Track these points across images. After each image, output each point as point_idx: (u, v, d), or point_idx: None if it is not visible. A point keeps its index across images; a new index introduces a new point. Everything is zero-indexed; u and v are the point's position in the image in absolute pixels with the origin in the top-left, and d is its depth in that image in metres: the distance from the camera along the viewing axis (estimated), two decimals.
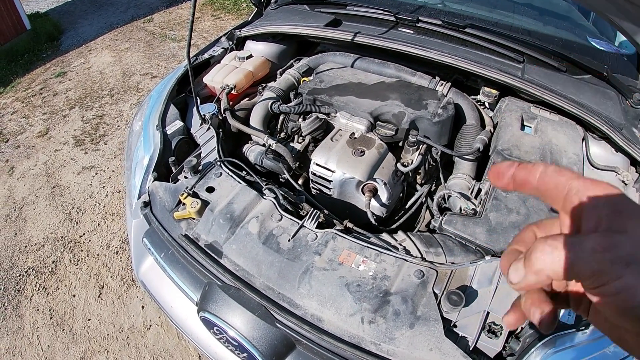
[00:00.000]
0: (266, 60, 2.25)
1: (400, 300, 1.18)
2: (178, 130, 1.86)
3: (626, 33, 1.54)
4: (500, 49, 1.87)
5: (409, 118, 1.66)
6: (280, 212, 1.42)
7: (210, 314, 1.29)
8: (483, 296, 1.20)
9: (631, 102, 1.75)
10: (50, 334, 2.59)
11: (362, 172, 1.50)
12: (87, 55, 6.14)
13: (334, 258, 1.28)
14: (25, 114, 4.84)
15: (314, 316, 1.21)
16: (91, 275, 2.90)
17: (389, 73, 1.96)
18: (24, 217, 3.44)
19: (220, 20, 6.94)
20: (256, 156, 1.75)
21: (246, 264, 1.32)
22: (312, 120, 1.70)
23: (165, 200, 1.57)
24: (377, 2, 2.23)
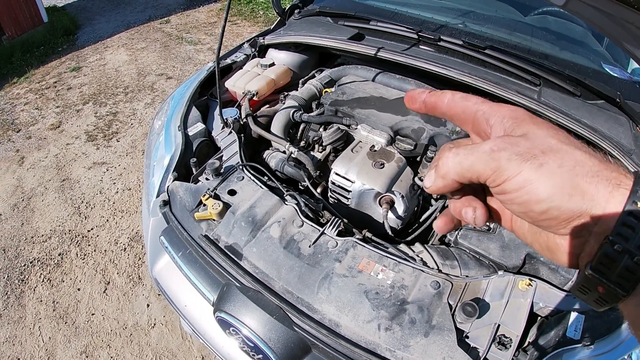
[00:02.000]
0: (288, 69, 2.29)
1: (417, 309, 1.21)
2: (200, 132, 1.89)
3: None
4: (518, 71, 1.91)
5: (428, 134, 1.70)
6: (301, 219, 1.45)
7: (227, 314, 1.31)
8: (495, 309, 1.24)
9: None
10: (52, 325, 2.60)
11: (382, 184, 1.53)
12: (103, 52, 6.20)
13: (354, 265, 1.31)
14: (38, 105, 4.88)
15: (331, 321, 1.23)
16: (97, 270, 2.92)
17: (409, 89, 2.00)
18: (32, 208, 3.47)
19: (237, 26, 7.01)
20: (277, 162, 1.78)
21: (266, 267, 1.35)
22: (334, 130, 1.74)
23: (186, 200, 1.59)
24: (400, 19, 2.27)
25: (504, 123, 0.44)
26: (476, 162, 0.41)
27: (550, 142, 0.40)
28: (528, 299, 1.24)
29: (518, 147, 0.39)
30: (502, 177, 0.39)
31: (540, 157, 0.38)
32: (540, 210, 0.39)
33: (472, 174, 0.42)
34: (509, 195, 0.40)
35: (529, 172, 0.38)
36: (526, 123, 0.42)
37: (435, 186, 0.46)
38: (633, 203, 0.35)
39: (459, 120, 0.49)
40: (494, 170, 0.40)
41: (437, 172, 0.45)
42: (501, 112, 0.45)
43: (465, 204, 0.48)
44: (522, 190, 0.39)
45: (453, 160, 0.43)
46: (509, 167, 0.39)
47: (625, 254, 0.34)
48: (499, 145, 0.40)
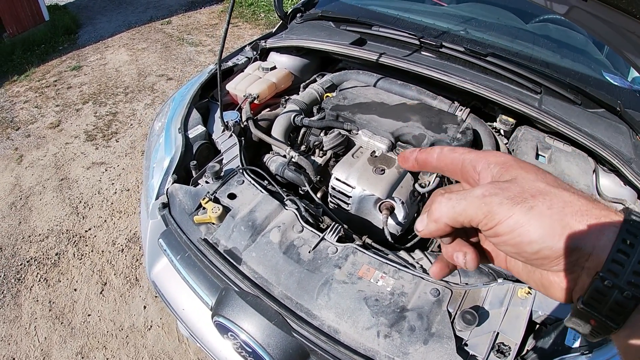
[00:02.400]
0: (289, 73, 2.29)
1: (416, 316, 1.21)
2: (200, 135, 1.89)
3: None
4: (520, 78, 1.92)
5: (429, 141, 1.70)
6: (301, 224, 1.45)
7: (225, 319, 1.30)
8: (494, 317, 1.23)
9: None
10: (48, 325, 2.60)
11: (382, 190, 1.53)
12: (104, 52, 6.20)
13: (354, 272, 1.31)
14: (38, 104, 4.88)
15: (330, 327, 1.23)
16: (94, 271, 2.91)
17: (410, 95, 2.01)
18: (29, 207, 3.46)
19: (238, 28, 7.02)
20: (277, 167, 1.78)
21: (265, 272, 1.34)
22: (335, 135, 1.74)
23: (185, 203, 1.59)
24: (402, 25, 2.27)
25: (491, 169, 0.46)
26: (468, 207, 0.43)
27: (539, 186, 0.42)
28: (527, 307, 1.23)
29: (509, 192, 0.42)
30: (494, 220, 0.42)
31: (530, 200, 0.40)
32: (532, 251, 0.41)
33: (464, 218, 0.44)
34: (501, 237, 0.42)
35: (520, 215, 0.40)
36: (514, 168, 0.45)
37: (428, 230, 0.48)
38: (622, 241, 0.37)
39: (449, 172, 0.52)
40: (485, 215, 0.42)
41: (430, 217, 0.47)
42: (487, 158, 0.48)
43: (456, 248, 0.50)
44: (514, 232, 0.41)
45: (446, 205, 0.45)
46: (500, 211, 0.41)
47: (615, 289, 0.36)
48: (490, 190, 0.43)
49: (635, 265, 0.36)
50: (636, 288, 0.36)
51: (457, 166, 0.51)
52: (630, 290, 0.36)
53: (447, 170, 0.53)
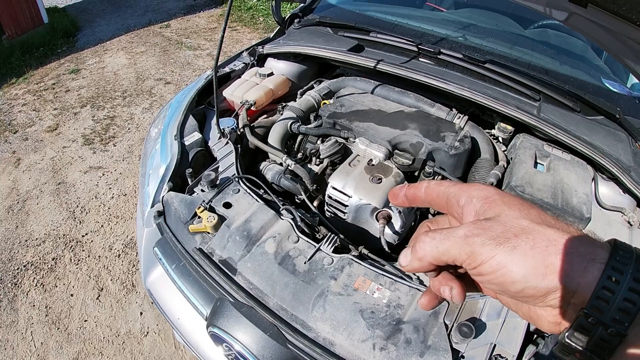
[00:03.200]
0: (286, 79, 2.28)
1: (412, 329, 1.20)
2: (196, 142, 1.88)
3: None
4: (518, 86, 1.91)
5: (427, 149, 1.68)
6: (297, 234, 1.44)
7: (220, 329, 1.29)
8: (491, 329, 1.22)
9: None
10: (44, 331, 2.58)
11: (379, 199, 1.52)
12: (102, 55, 6.20)
13: (350, 284, 1.30)
14: (36, 107, 4.87)
15: (325, 339, 1.21)
16: (91, 276, 2.90)
17: (408, 102, 1.99)
18: (26, 211, 3.45)
19: (237, 32, 7.02)
20: (273, 175, 1.77)
21: (260, 283, 1.33)
22: (332, 143, 1.72)
23: (180, 211, 1.58)
24: (400, 31, 2.26)
25: (474, 204, 0.47)
26: (451, 247, 0.44)
27: (522, 224, 0.42)
28: None
29: (491, 232, 0.42)
30: (476, 261, 0.42)
31: (512, 240, 0.41)
32: (516, 290, 0.41)
33: (447, 258, 0.45)
34: (485, 277, 0.43)
35: (503, 256, 0.40)
36: (496, 204, 0.45)
37: (411, 267, 0.49)
38: (607, 277, 0.37)
39: (437, 206, 0.53)
40: (468, 255, 0.42)
41: (414, 255, 0.48)
42: (469, 192, 0.48)
43: (442, 282, 0.50)
44: (497, 272, 0.41)
45: (429, 245, 0.46)
46: (482, 252, 0.41)
47: (600, 326, 0.37)
48: (473, 230, 0.43)
49: (620, 303, 0.36)
50: (620, 325, 0.36)
51: (442, 200, 0.51)
52: (615, 327, 0.36)
53: (435, 204, 0.53)
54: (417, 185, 0.55)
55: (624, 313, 0.36)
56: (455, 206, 0.50)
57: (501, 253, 0.40)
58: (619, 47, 1.51)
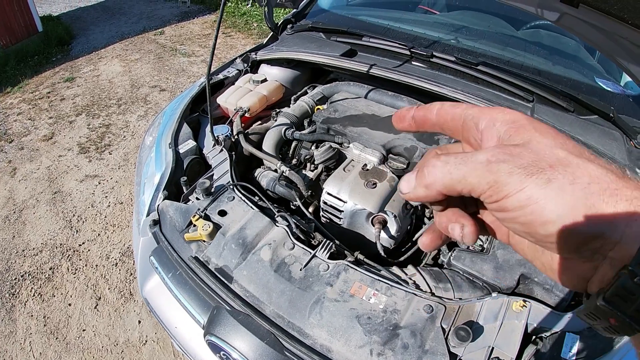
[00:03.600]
0: (280, 85, 2.28)
1: (409, 334, 1.20)
2: (190, 149, 1.88)
3: (633, 75, 1.59)
4: (512, 87, 1.91)
5: (421, 152, 1.69)
6: (292, 241, 1.44)
7: (217, 338, 1.29)
8: (488, 332, 1.22)
9: (635, 142, 1.79)
10: (43, 341, 2.57)
11: (374, 204, 1.52)
12: (97, 63, 6.20)
13: (346, 290, 1.30)
14: (31, 116, 4.86)
15: (323, 346, 1.21)
16: (88, 285, 2.89)
17: (401, 106, 2.00)
18: (23, 221, 3.44)
19: (231, 38, 7.03)
20: (268, 182, 1.77)
21: (257, 290, 1.33)
22: (326, 149, 1.73)
23: (176, 220, 1.58)
24: (393, 35, 2.27)
25: (497, 128, 0.38)
26: (469, 174, 0.36)
27: (559, 154, 0.34)
28: (522, 320, 1.22)
29: (521, 160, 0.34)
30: (501, 193, 0.34)
31: (547, 171, 0.33)
32: (546, 233, 0.33)
33: (463, 187, 0.37)
34: (509, 213, 0.35)
35: (535, 189, 0.33)
36: (525, 130, 0.37)
37: (414, 195, 0.41)
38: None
39: (449, 131, 0.44)
40: (490, 185, 0.35)
41: (420, 180, 0.40)
42: (492, 115, 0.40)
43: (452, 218, 0.43)
44: (525, 209, 0.33)
45: (442, 170, 0.38)
46: (510, 182, 0.33)
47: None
48: (498, 155, 0.35)
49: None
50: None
51: (458, 123, 0.42)
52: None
53: (447, 129, 0.44)
54: (428, 105, 0.45)
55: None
56: (472, 130, 0.41)
57: (533, 185, 0.33)
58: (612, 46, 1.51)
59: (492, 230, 0.45)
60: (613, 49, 1.53)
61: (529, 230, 0.35)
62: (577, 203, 0.32)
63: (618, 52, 1.53)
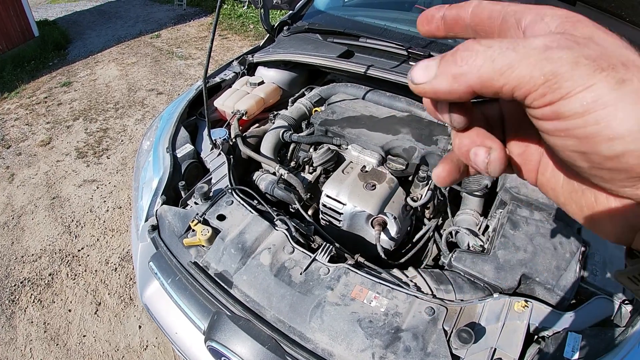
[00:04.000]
0: (277, 88, 2.28)
1: (411, 336, 1.19)
2: (188, 154, 1.87)
3: None
4: None
5: (420, 153, 1.68)
6: (292, 245, 1.43)
7: (218, 343, 1.28)
8: (491, 333, 1.21)
9: None
10: (43, 347, 2.56)
11: (374, 206, 1.51)
12: (94, 67, 6.19)
13: (347, 293, 1.29)
14: (29, 121, 4.85)
15: (324, 350, 1.21)
16: (88, 290, 2.88)
17: (400, 107, 1.99)
18: (22, 226, 3.43)
19: (227, 40, 7.03)
20: (267, 185, 1.76)
21: (257, 295, 1.32)
22: (324, 151, 1.72)
23: (175, 225, 1.57)
24: (390, 36, 2.26)
25: (547, 23, 0.29)
26: (520, 62, 0.26)
27: (629, 55, 0.26)
28: (524, 320, 1.22)
29: (588, 49, 0.25)
30: (560, 89, 0.25)
31: (620, 70, 0.24)
32: (609, 154, 0.25)
33: (507, 81, 0.26)
34: (564, 122, 0.26)
35: (605, 89, 0.24)
36: (585, 25, 0.28)
37: (432, 87, 0.29)
38: None
39: (485, 31, 0.33)
40: (547, 78, 0.25)
41: (447, 66, 0.28)
42: (539, 10, 0.30)
43: (476, 140, 0.33)
44: (589, 115, 0.24)
45: (483, 56, 0.27)
46: (573, 76, 0.24)
47: None
48: (560, 41, 0.26)
49: None
50: None
51: (495, 21, 0.32)
52: None
53: (483, 29, 0.33)
54: (462, 4, 0.34)
55: None
56: (514, 29, 0.31)
57: (603, 84, 0.24)
58: None
59: (517, 166, 0.37)
60: None
61: (586, 149, 0.26)
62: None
63: None
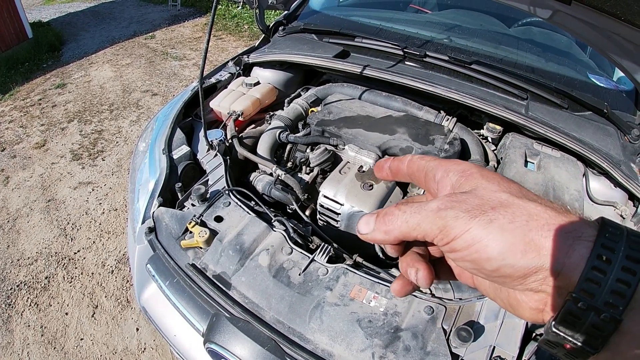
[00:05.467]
0: (273, 88, 2.27)
1: (411, 336, 1.20)
2: (184, 155, 1.86)
3: (626, 71, 1.59)
4: (505, 85, 1.91)
5: (417, 153, 1.68)
6: (290, 245, 1.43)
7: (218, 345, 1.28)
8: (489, 331, 1.22)
9: (630, 137, 1.80)
10: (40, 351, 2.55)
11: (371, 206, 1.51)
12: (88, 68, 6.17)
13: (345, 294, 1.29)
14: (23, 123, 4.83)
15: (324, 351, 1.21)
16: (85, 293, 2.87)
17: (396, 107, 1.99)
18: (17, 230, 3.41)
19: (222, 40, 7.02)
20: (264, 186, 1.76)
21: (256, 297, 1.32)
22: (321, 152, 1.72)
23: (172, 227, 1.56)
24: (385, 36, 2.26)
25: (450, 178, 0.44)
26: (422, 221, 0.40)
27: (501, 197, 0.39)
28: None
29: (466, 205, 0.39)
30: (449, 235, 0.39)
31: (489, 213, 0.37)
32: (491, 268, 0.37)
33: (418, 233, 0.41)
34: (458, 253, 0.39)
35: (478, 230, 0.37)
36: (474, 177, 0.42)
37: (372, 237, 0.45)
38: (597, 257, 0.34)
39: (417, 181, 0.49)
40: (440, 229, 0.39)
41: (380, 225, 0.44)
42: (447, 166, 0.45)
43: (409, 263, 0.46)
44: (471, 248, 0.38)
45: (400, 219, 0.42)
46: (456, 226, 0.38)
47: (591, 311, 0.33)
48: (446, 203, 0.40)
49: (613, 284, 0.33)
50: (615, 309, 0.32)
51: (422, 174, 0.48)
52: (608, 312, 0.32)
53: (415, 179, 0.50)
54: (402, 158, 0.52)
55: (617, 296, 0.32)
56: (431, 181, 0.46)
57: (476, 226, 0.37)
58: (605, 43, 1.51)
59: (458, 273, 0.49)
60: (606, 46, 1.52)
61: (477, 267, 0.39)
62: (516, 239, 0.36)
63: (611, 48, 1.52)
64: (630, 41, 1.42)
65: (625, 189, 1.65)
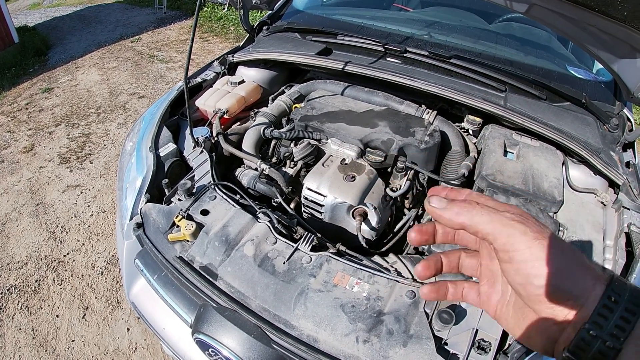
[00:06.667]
0: (258, 86, 2.30)
1: (394, 319, 1.22)
2: (171, 152, 1.88)
3: (603, 62, 1.63)
4: (484, 78, 1.95)
5: (398, 145, 1.72)
6: (275, 235, 1.45)
7: (205, 335, 1.30)
8: (472, 314, 1.25)
9: (609, 127, 1.84)
10: (32, 354, 2.55)
11: (354, 197, 1.54)
12: (75, 72, 6.15)
13: (329, 280, 1.32)
14: (10, 128, 4.81)
15: (309, 337, 1.23)
16: (75, 295, 2.87)
17: (377, 101, 2.03)
18: (6, 234, 3.40)
19: (208, 42, 7.02)
20: (249, 180, 1.78)
21: (242, 286, 1.34)
22: (304, 146, 1.75)
23: (159, 222, 1.59)
24: (367, 33, 2.30)
25: None
26: (495, 222, 0.46)
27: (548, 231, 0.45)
28: None
29: (534, 225, 0.45)
30: (513, 246, 0.44)
31: (547, 239, 0.44)
32: (538, 284, 0.43)
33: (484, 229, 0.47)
34: (514, 265, 0.45)
35: (538, 250, 0.43)
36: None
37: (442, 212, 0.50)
38: (608, 297, 0.42)
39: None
40: (508, 237, 0.45)
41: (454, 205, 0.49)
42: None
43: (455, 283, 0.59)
44: (528, 264, 0.44)
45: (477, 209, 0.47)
46: (522, 241, 0.44)
47: (599, 339, 0.40)
48: (519, 217, 0.45)
49: (617, 320, 0.40)
50: (616, 340, 0.40)
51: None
52: (612, 341, 0.40)
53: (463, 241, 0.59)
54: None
55: (620, 330, 0.40)
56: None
57: (537, 247, 0.43)
58: (581, 34, 1.54)
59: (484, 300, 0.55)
60: (582, 37, 1.56)
61: (525, 281, 0.45)
62: (565, 268, 0.43)
63: (587, 39, 1.56)
64: (606, 32, 1.46)
65: (605, 177, 1.68)
